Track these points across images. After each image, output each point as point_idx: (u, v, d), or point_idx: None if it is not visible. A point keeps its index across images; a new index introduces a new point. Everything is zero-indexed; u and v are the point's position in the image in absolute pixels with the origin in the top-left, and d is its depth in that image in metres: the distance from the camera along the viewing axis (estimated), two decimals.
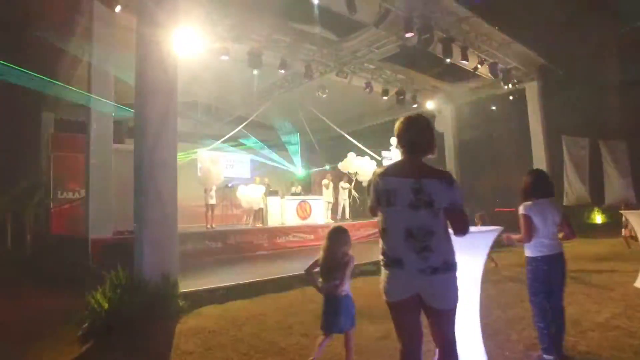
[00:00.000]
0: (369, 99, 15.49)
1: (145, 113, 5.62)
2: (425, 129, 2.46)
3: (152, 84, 5.66)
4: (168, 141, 5.68)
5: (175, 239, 5.73)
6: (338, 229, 3.49)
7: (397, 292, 2.33)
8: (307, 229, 11.36)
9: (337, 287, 3.22)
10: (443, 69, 15.05)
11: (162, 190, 5.55)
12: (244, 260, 9.12)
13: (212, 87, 15.99)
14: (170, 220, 5.62)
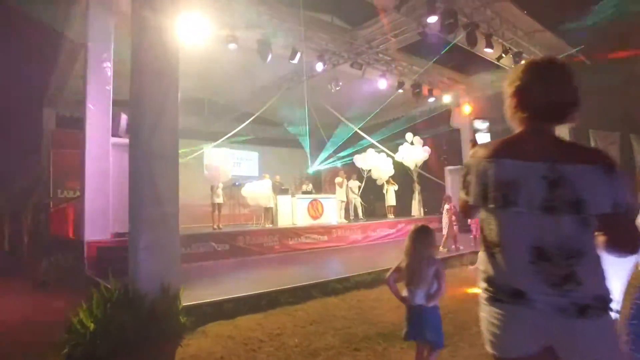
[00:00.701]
0: (381, 94, 14.60)
1: (141, 97, 4.77)
2: (570, 79, 1.55)
3: (150, 64, 4.80)
4: (168, 130, 4.82)
5: (177, 243, 4.86)
6: (422, 228, 2.99)
7: (517, 344, 1.43)
8: (320, 230, 10.48)
9: (433, 296, 2.76)
10: (460, 61, 14.13)
11: (160, 186, 4.69)
12: (254, 265, 8.26)
13: (218, 82, 15.22)
14: (171, 222, 4.75)
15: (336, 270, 7.09)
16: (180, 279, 4.82)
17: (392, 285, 2.97)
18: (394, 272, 2.96)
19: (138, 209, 4.63)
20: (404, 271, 2.87)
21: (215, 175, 10.47)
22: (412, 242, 2.89)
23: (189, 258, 8.30)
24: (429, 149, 14.23)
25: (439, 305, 2.84)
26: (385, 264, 7.64)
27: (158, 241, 4.62)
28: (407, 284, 2.86)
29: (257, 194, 10.95)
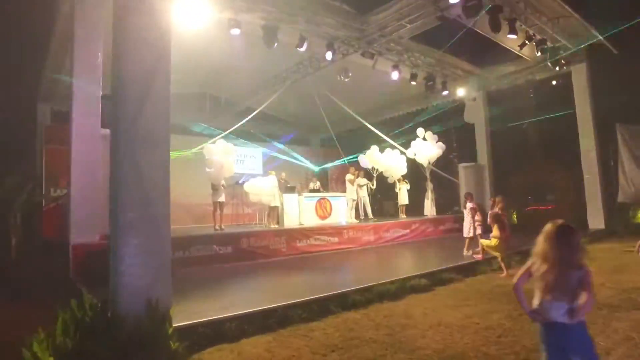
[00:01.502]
0: (392, 87, 13.68)
1: (124, 70, 3.85)
2: None
3: (137, 31, 3.88)
4: (157, 111, 3.91)
5: (168, 250, 3.94)
6: (567, 229, 2.23)
7: None
8: (330, 231, 9.55)
9: (578, 310, 2.09)
10: (476, 52, 13.20)
11: (148, 181, 3.78)
12: (259, 270, 7.33)
13: (221, 76, 14.35)
14: (160, 225, 3.84)
15: (354, 278, 6.17)
16: (171, 294, 3.91)
17: (521, 295, 2.39)
18: (523, 277, 2.36)
19: (119, 210, 3.71)
20: (540, 279, 2.24)
21: (218, 170, 9.52)
22: (555, 244, 2.21)
23: (187, 262, 7.40)
24: (443, 145, 13.28)
25: (585, 321, 2.18)
26: (407, 270, 6.73)
27: (144, 249, 3.71)
28: (544, 293, 2.23)
29: (261, 190, 10.00)
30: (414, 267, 7.00)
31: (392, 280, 5.61)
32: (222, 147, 10.02)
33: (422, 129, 13.29)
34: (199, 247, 7.69)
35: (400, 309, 4.87)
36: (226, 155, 9.87)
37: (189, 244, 7.56)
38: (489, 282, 6.24)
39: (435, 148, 13.15)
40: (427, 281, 5.94)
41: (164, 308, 3.65)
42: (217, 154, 9.77)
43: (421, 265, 7.13)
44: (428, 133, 13.35)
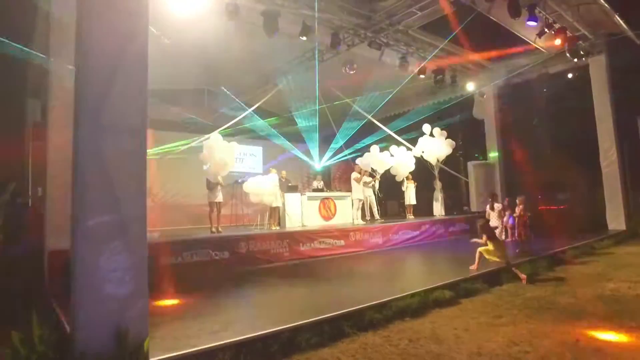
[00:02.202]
0: (398, 81, 12.86)
1: (89, 35, 3.03)
2: None
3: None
4: (130, 90, 3.08)
5: (143, 263, 3.11)
6: None
7: None
8: (336, 233, 8.72)
9: None
10: (487, 44, 12.38)
11: (118, 177, 2.95)
12: (259, 278, 6.51)
13: (219, 70, 13.53)
14: (134, 230, 3.01)
15: (367, 289, 5.34)
16: (147, 319, 3.08)
17: None
18: None
19: (81, 214, 2.89)
20: None
21: (217, 167, 8.63)
22: None
23: (179, 270, 6.57)
24: (452, 142, 12.44)
25: None
26: (426, 278, 5.90)
27: (113, 263, 2.88)
28: None
29: (262, 190, 9.17)
30: (432, 275, 6.16)
31: (412, 293, 4.78)
32: (222, 142, 9.08)
33: (429, 125, 12.45)
34: (193, 253, 6.85)
35: (427, 330, 4.04)
36: (227, 150, 8.94)
37: (181, 249, 6.74)
38: (520, 293, 5.41)
39: (445, 145, 12.31)
40: (452, 293, 5.11)
41: (138, 339, 2.83)
42: (218, 148, 8.85)
43: (440, 272, 6.30)
44: (436, 129, 12.51)
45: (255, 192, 9.24)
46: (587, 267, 7.00)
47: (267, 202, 9.37)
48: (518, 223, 7.87)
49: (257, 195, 9.24)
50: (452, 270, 6.34)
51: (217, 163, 8.44)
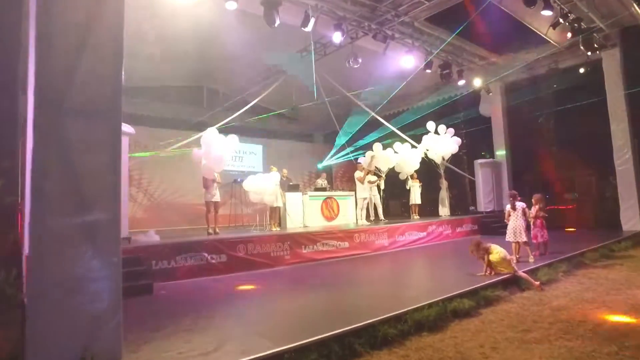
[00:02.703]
0: (402, 77, 12.32)
1: (52, 8, 2.48)
2: None
3: None
4: (101, 67, 2.53)
5: (117, 274, 2.57)
6: None
7: None
8: (340, 235, 8.18)
9: None
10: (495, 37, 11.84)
11: (85, 171, 2.41)
12: (258, 285, 5.97)
13: (218, 67, 13.01)
14: (105, 235, 2.47)
15: (378, 298, 4.80)
16: (120, 340, 2.54)
17: None
18: None
19: (40, 215, 2.34)
20: None
21: (215, 163, 8.03)
22: None
23: (172, 275, 6.05)
24: (459, 139, 11.91)
25: None
26: (440, 285, 5.34)
27: (78, 275, 2.34)
28: None
29: (262, 189, 8.61)
30: (446, 280, 5.61)
31: (429, 303, 4.24)
32: (220, 136, 8.41)
33: (433, 123, 11.91)
34: (187, 256, 6.31)
35: (449, 347, 3.50)
36: (225, 145, 8.30)
37: (173, 253, 6.19)
38: (544, 302, 4.86)
39: (451, 143, 11.77)
40: (471, 302, 4.57)
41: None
42: (215, 143, 8.17)
43: (454, 277, 5.75)
44: (441, 127, 11.97)
45: (256, 191, 8.68)
46: (610, 272, 6.46)
47: (268, 201, 8.82)
48: (534, 224, 7.32)
49: (258, 194, 8.68)
50: (466, 275, 5.80)
51: (213, 158, 7.87)
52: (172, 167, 12.82)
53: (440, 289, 4.97)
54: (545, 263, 6.35)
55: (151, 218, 12.36)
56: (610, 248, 8.17)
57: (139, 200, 12.29)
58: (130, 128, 6.62)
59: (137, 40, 10.15)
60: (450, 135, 11.78)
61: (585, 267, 6.86)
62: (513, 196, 6.76)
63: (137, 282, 5.30)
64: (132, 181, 12.27)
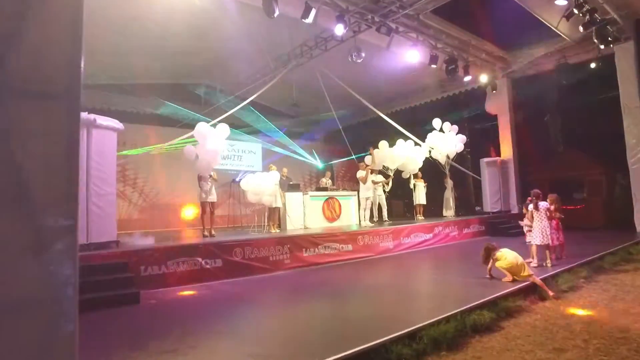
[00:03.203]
0: (404, 75, 11.85)
1: None
2: None
3: None
4: (54, 36, 2.00)
5: (72, 296, 2.04)
6: None
7: None
8: (343, 237, 7.67)
9: None
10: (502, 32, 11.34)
11: (27, 172, 1.88)
12: (256, 293, 5.47)
13: (216, 63, 12.52)
14: (54, 247, 1.94)
15: (387, 310, 4.29)
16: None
17: None
18: None
19: None
20: None
21: (211, 155, 7.48)
22: None
23: (162, 282, 5.55)
24: (464, 137, 11.40)
25: None
26: (454, 294, 4.82)
27: (20, 295, 1.83)
28: None
29: (260, 188, 8.11)
30: (460, 288, 5.08)
31: (446, 317, 3.73)
32: (213, 129, 7.86)
33: (439, 120, 11.41)
34: (179, 261, 5.81)
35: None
36: (220, 136, 7.74)
37: (165, 257, 5.69)
38: (572, 314, 4.35)
39: (456, 141, 11.26)
40: (491, 313, 4.06)
41: None
42: (210, 136, 7.62)
43: (467, 284, 5.23)
44: (446, 124, 11.47)
45: (254, 191, 8.17)
46: (635, 278, 5.93)
47: (267, 202, 8.31)
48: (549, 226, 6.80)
49: (256, 194, 8.17)
50: (478, 280, 5.30)
51: (209, 153, 7.33)
52: (169, 167, 12.31)
53: (455, 299, 4.47)
54: (564, 268, 5.83)
55: (147, 219, 11.86)
56: (628, 251, 7.66)
57: (134, 200, 11.79)
58: (119, 123, 6.12)
59: (131, 36, 9.71)
60: (455, 133, 11.27)
61: (606, 272, 6.35)
62: (537, 195, 6.23)
63: (122, 291, 4.80)
64: (126, 181, 11.78)
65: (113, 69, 11.64)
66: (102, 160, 5.79)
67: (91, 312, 4.16)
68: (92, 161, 5.63)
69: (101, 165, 5.78)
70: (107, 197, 5.83)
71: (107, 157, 5.90)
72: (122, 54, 10.76)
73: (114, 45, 10.05)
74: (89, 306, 4.33)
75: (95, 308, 4.33)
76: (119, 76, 12.34)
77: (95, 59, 10.78)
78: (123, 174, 11.71)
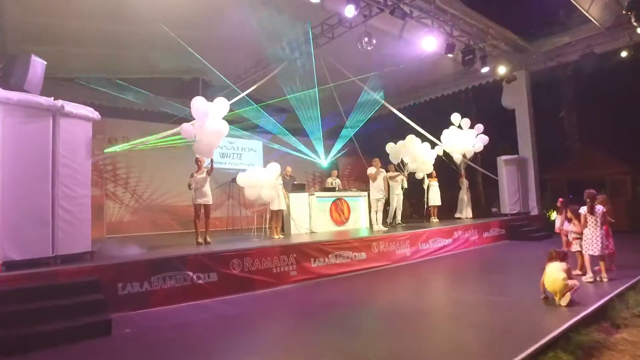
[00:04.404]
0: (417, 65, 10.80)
1: None
2: None
3: None
4: None
5: None
6: None
7: None
8: (356, 244, 6.60)
9: None
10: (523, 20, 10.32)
11: None
12: (257, 315, 4.42)
13: (214, 56, 11.44)
14: None
15: (424, 344, 3.24)
16: None
17: None
18: None
19: None
20: None
21: (214, 135, 6.27)
22: None
23: (144, 302, 4.50)
24: (486, 138, 10.36)
25: None
26: (507, 323, 3.74)
27: None
28: None
29: (259, 181, 6.94)
30: (509, 315, 4.00)
31: None
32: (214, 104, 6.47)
33: (458, 115, 10.36)
34: (165, 276, 4.75)
35: None
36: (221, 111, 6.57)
37: (148, 272, 4.63)
38: None
39: (476, 140, 10.22)
40: (569, 356, 3.01)
41: None
42: (214, 111, 6.30)
43: (514, 307, 4.17)
44: (465, 120, 10.41)
45: (252, 185, 6.96)
46: None
47: (267, 197, 7.08)
48: None
49: (254, 188, 6.95)
50: (531, 298, 4.25)
51: (211, 132, 6.21)
52: (163, 165, 11.25)
53: (505, 329, 3.42)
54: (628, 285, 4.76)
55: (139, 221, 10.79)
56: None
57: (125, 201, 10.71)
58: (94, 112, 5.06)
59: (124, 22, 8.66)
60: (478, 131, 10.21)
61: None
62: (591, 197, 5.16)
63: (89, 319, 3.74)
64: (117, 181, 10.72)
65: (104, 61, 10.58)
66: (72, 155, 4.72)
67: (39, 353, 3.11)
68: (59, 156, 4.56)
69: (72, 161, 4.71)
70: (79, 200, 4.76)
71: (80, 151, 4.84)
72: (112, 44, 9.70)
73: (103, 35, 9.03)
74: (39, 342, 3.28)
75: (48, 344, 3.28)
76: (111, 69, 11.27)
77: (81, 50, 9.75)
78: (114, 173, 10.66)
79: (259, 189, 6.86)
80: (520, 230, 9.74)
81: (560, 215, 7.81)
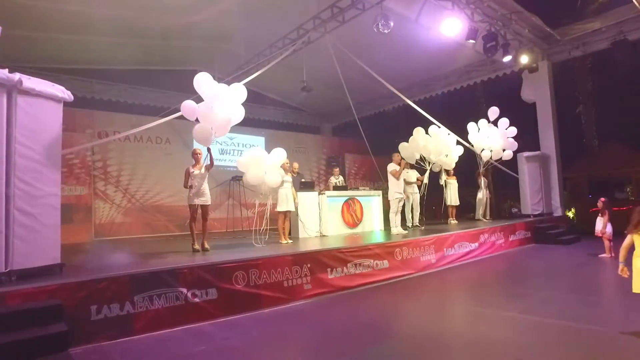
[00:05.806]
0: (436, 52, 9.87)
1: None
2: None
3: None
4: None
5: None
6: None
7: None
8: (377, 251, 5.59)
9: None
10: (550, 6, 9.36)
11: None
12: (264, 344, 3.42)
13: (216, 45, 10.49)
14: None
15: None
16: None
17: None
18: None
19: None
20: None
21: (221, 122, 5.20)
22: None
23: (125, 329, 3.49)
24: (515, 143, 9.39)
25: None
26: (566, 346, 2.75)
27: None
28: None
29: (259, 164, 5.82)
30: (584, 344, 3.05)
31: None
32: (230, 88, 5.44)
33: (497, 109, 9.35)
34: (152, 294, 3.74)
35: None
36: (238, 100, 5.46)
37: (130, 289, 3.62)
38: None
39: (507, 142, 9.26)
40: None
41: None
42: (225, 93, 5.29)
43: (586, 335, 3.20)
44: (503, 120, 9.39)
45: (255, 163, 5.69)
46: None
47: (271, 183, 5.87)
48: None
49: (258, 167, 5.76)
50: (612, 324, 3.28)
51: (221, 119, 5.17)
52: (158, 162, 10.24)
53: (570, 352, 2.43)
54: None
55: (132, 223, 9.75)
56: None
57: (116, 201, 9.67)
58: (65, 91, 4.04)
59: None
60: (504, 126, 9.26)
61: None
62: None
63: None
64: (108, 179, 9.68)
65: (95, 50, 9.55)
66: (35, 144, 3.70)
67: None
68: (16, 144, 3.54)
69: (34, 152, 3.69)
70: (44, 199, 3.74)
71: (46, 139, 3.81)
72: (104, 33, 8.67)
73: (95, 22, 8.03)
74: None
75: None
76: (103, 60, 10.25)
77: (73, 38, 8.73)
78: (104, 170, 9.61)
79: (263, 174, 5.79)
80: (547, 233, 8.79)
81: (602, 217, 6.88)
